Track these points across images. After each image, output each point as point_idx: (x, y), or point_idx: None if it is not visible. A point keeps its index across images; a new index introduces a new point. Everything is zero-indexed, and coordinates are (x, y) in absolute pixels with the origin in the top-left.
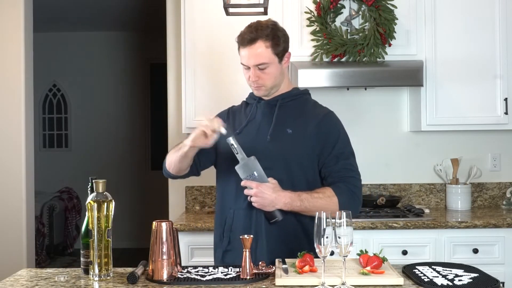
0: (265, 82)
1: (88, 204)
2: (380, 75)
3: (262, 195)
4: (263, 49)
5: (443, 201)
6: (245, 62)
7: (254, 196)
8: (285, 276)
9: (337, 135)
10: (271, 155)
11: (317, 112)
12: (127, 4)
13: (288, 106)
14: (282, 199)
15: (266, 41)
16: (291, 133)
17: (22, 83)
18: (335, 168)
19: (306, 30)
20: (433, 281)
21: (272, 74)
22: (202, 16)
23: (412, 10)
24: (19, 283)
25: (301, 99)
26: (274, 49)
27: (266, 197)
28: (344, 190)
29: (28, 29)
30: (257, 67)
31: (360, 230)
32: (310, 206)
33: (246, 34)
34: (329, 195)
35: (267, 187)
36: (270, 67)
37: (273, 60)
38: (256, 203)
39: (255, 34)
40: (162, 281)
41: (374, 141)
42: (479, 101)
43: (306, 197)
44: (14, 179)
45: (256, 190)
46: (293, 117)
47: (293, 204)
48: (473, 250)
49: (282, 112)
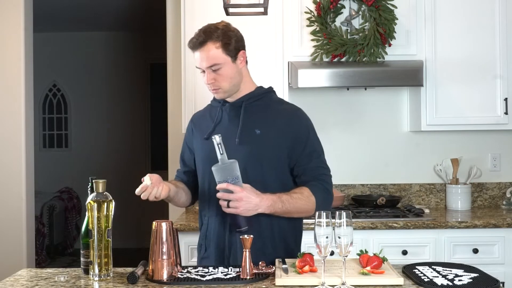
0: (221, 83)
1: (88, 204)
2: (380, 75)
3: (248, 199)
4: (214, 50)
5: (443, 201)
6: (198, 65)
7: (238, 200)
8: (285, 276)
9: (307, 133)
10: (241, 158)
11: (284, 109)
12: (127, 4)
13: (254, 106)
14: (265, 202)
15: (216, 42)
16: (259, 133)
17: (22, 83)
18: (308, 167)
19: (306, 30)
20: (433, 281)
21: (227, 75)
22: (202, 16)
23: (412, 10)
24: (19, 283)
25: (266, 98)
26: (225, 49)
27: (251, 201)
28: (319, 188)
29: (28, 29)
30: (211, 68)
31: (360, 230)
32: (290, 207)
33: (196, 38)
34: (307, 195)
35: (251, 191)
36: (223, 68)
37: (225, 60)
38: (239, 208)
39: (204, 37)
40: (162, 281)
41: (374, 141)
42: (479, 101)
43: (287, 198)
44: (14, 179)
45: (242, 194)
46: (260, 117)
47: (275, 207)
48: (473, 250)
49: (248, 113)
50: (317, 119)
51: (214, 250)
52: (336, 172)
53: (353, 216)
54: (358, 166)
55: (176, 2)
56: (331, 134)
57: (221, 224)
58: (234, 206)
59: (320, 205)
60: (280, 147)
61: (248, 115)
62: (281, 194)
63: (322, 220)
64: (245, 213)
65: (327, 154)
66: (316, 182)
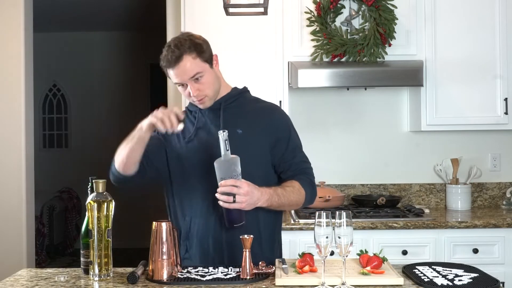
0: (206, 91)
1: (88, 204)
2: (380, 75)
3: (252, 194)
4: (192, 61)
5: (443, 201)
6: (180, 80)
7: (245, 195)
8: (285, 276)
9: (288, 130)
10: None
11: (263, 108)
12: (127, 4)
13: (232, 107)
14: (265, 196)
15: (190, 53)
16: (241, 133)
17: (22, 83)
18: (294, 162)
19: (306, 30)
20: (433, 281)
21: (210, 82)
22: (202, 16)
23: (412, 10)
24: (19, 283)
25: (242, 98)
26: (202, 57)
27: (254, 196)
28: (307, 182)
29: (28, 29)
30: (193, 79)
31: (360, 230)
32: (285, 200)
33: (169, 55)
34: (298, 188)
35: (254, 185)
36: (205, 76)
37: (205, 68)
38: (245, 203)
39: (178, 52)
40: (162, 281)
41: (374, 141)
42: (479, 101)
43: (281, 191)
44: (14, 179)
45: (248, 188)
46: (240, 117)
47: (272, 200)
48: (473, 250)
49: (228, 114)
50: (317, 119)
51: (197, 250)
52: (336, 172)
53: (353, 216)
54: (358, 166)
55: (176, 2)
56: (331, 134)
57: (204, 225)
58: (240, 201)
59: (309, 197)
60: (263, 145)
61: (227, 116)
62: (276, 188)
63: (322, 220)
64: (248, 207)
65: (327, 154)
66: (303, 176)
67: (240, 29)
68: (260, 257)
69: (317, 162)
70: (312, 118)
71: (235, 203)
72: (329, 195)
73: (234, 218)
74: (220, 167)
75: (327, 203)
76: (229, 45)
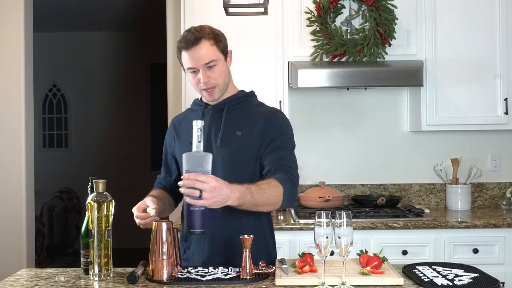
0: (217, 80)
1: (88, 204)
2: (380, 75)
3: (220, 190)
4: (209, 46)
5: (443, 201)
6: (193, 65)
7: (211, 191)
8: (285, 276)
9: (280, 130)
10: (222, 160)
11: (263, 111)
12: (127, 4)
13: (236, 109)
14: (235, 194)
15: (209, 39)
16: (240, 135)
17: (22, 83)
18: (273, 157)
19: (306, 30)
20: (433, 281)
21: (222, 72)
22: (202, 16)
23: (412, 10)
24: (19, 283)
25: (248, 101)
26: (218, 46)
27: (222, 193)
28: (286, 179)
29: (28, 29)
30: (207, 66)
31: (360, 230)
32: (259, 198)
33: (189, 36)
34: (275, 184)
35: (223, 181)
36: (218, 65)
37: (220, 57)
38: (211, 200)
39: (198, 34)
40: (162, 281)
41: (374, 141)
42: (479, 101)
43: (255, 189)
44: (14, 179)
45: (216, 184)
46: (241, 119)
47: (245, 198)
48: (473, 250)
49: (230, 115)
50: (317, 119)
51: (194, 252)
52: (336, 172)
53: (353, 216)
54: (358, 166)
55: (176, 2)
56: (331, 134)
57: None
58: (207, 197)
59: (288, 196)
60: (256, 147)
61: (230, 118)
62: (249, 185)
63: (322, 220)
64: (215, 205)
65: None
66: (282, 173)
67: (240, 29)
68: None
69: (317, 162)
70: (312, 118)
71: (202, 200)
72: (329, 195)
73: (193, 222)
74: (187, 159)
75: (327, 203)
76: (229, 45)
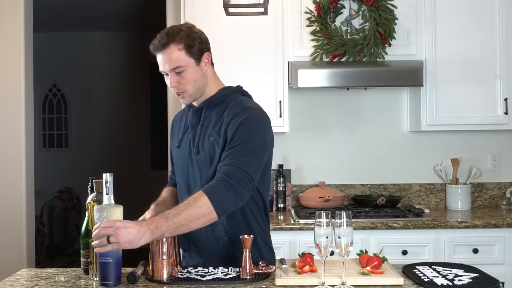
0: (185, 86)
1: (88, 204)
2: (380, 75)
3: (126, 229)
4: (176, 52)
5: (443, 201)
6: (161, 68)
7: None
8: (285, 276)
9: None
10: (199, 167)
11: (231, 112)
12: (127, 4)
13: (214, 111)
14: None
15: (178, 44)
16: (212, 140)
17: (22, 83)
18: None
19: (306, 30)
20: (433, 281)
21: (191, 78)
22: (202, 16)
23: (412, 10)
24: (19, 283)
25: (227, 100)
26: (188, 51)
27: (130, 232)
28: (214, 184)
29: (28, 29)
30: (174, 71)
31: (360, 230)
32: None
33: (158, 40)
34: (196, 197)
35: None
36: (187, 71)
37: (189, 63)
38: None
39: (167, 39)
40: (162, 281)
41: (374, 141)
42: (479, 101)
43: (171, 212)
44: (14, 179)
45: (119, 224)
46: (215, 123)
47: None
48: (473, 250)
49: (208, 119)
50: (317, 119)
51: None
52: (336, 172)
53: (353, 216)
54: (358, 166)
55: (176, 2)
56: (331, 134)
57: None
58: (114, 240)
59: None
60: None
61: (207, 122)
62: (162, 213)
63: (322, 220)
64: (129, 245)
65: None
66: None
67: (240, 29)
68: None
69: (317, 162)
70: (312, 118)
71: (112, 245)
72: (329, 195)
73: (104, 274)
74: (97, 212)
75: (327, 203)
76: (229, 45)
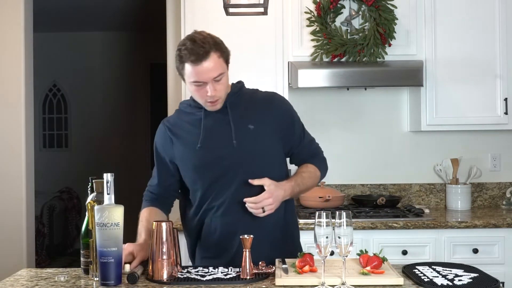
0: (221, 93)
1: (88, 204)
2: (380, 75)
3: (277, 198)
4: (217, 59)
5: (443, 201)
6: (203, 79)
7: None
8: (285, 276)
9: (291, 114)
10: (240, 157)
11: (262, 99)
12: (127, 4)
13: (237, 103)
14: (288, 192)
15: (217, 51)
16: (253, 128)
17: (22, 83)
18: (303, 145)
19: (306, 30)
20: (433, 281)
21: (226, 84)
22: (202, 16)
23: (412, 10)
24: (19, 283)
25: (241, 92)
26: (224, 57)
27: (279, 199)
28: (320, 161)
29: (28, 29)
30: (215, 79)
31: (360, 230)
32: (303, 187)
33: (197, 49)
34: (314, 171)
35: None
36: (224, 77)
37: (225, 69)
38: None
39: (206, 47)
40: (162, 281)
41: (374, 141)
42: (479, 101)
43: (300, 180)
44: (14, 179)
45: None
46: (246, 112)
47: (294, 191)
48: (473, 250)
49: (235, 111)
50: (317, 119)
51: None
52: (336, 172)
53: (353, 216)
54: (358, 166)
55: (176, 2)
56: (331, 134)
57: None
58: (270, 209)
59: (324, 175)
60: (271, 135)
61: (236, 114)
62: (295, 178)
63: (322, 220)
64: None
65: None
66: (316, 158)
67: (240, 29)
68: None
69: None
70: (312, 118)
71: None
72: (329, 195)
73: (105, 273)
74: (98, 211)
75: (327, 203)
76: (229, 45)
